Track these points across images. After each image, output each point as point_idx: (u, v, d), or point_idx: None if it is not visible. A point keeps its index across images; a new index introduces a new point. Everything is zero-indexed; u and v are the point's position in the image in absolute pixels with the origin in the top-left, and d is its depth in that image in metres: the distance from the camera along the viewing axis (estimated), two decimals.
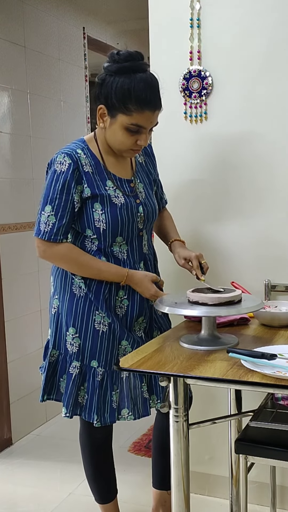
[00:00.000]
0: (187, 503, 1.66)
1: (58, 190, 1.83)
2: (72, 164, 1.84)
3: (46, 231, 1.85)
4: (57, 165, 1.84)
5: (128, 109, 1.79)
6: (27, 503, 2.56)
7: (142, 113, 1.80)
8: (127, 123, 1.81)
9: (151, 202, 2.00)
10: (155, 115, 1.84)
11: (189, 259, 1.99)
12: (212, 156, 2.32)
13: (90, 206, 1.87)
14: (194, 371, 1.52)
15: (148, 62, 1.87)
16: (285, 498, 2.36)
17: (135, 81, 1.78)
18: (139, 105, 1.79)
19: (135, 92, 1.78)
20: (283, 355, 1.57)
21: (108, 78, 1.82)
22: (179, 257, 2.03)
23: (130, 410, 1.93)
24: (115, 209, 1.87)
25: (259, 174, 2.26)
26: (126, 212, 1.89)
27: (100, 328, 1.91)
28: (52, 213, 1.83)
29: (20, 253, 3.08)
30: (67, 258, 1.88)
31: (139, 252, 1.96)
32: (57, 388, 2.01)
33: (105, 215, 1.87)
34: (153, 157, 2.12)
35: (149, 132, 1.88)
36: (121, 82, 1.79)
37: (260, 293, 2.21)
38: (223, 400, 2.20)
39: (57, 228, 1.84)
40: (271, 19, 2.16)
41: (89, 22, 3.74)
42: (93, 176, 1.87)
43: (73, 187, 1.83)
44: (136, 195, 1.95)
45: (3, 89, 3.02)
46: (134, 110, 1.79)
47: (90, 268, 1.88)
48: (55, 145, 1.97)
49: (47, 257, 1.90)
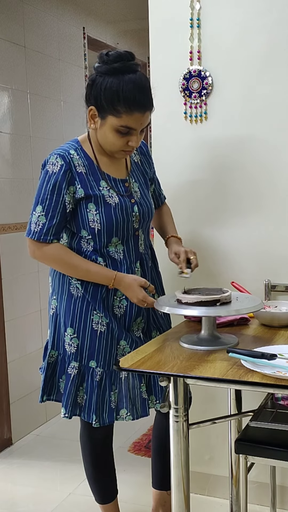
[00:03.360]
0: (187, 503, 1.66)
1: (49, 190, 1.83)
2: (64, 165, 1.83)
3: (36, 231, 1.85)
4: (49, 166, 1.84)
5: (117, 111, 1.78)
6: (27, 503, 2.56)
7: (131, 114, 1.78)
8: (116, 124, 1.80)
9: (146, 201, 1.99)
10: (145, 116, 1.82)
11: (179, 253, 1.99)
12: (212, 156, 2.32)
13: (84, 207, 1.87)
14: (194, 371, 1.52)
15: (139, 62, 1.85)
16: (285, 498, 2.36)
17: (123, 83, 1.76)
18: (128, 107, 1.77)
19: (123, 94, 1.76)
20: (283, 355, 1.57)
21: (98, 79, 1.81)
22: (171, 251, 2.03)
23: (128, 411, 1.93)
24: (109, 209, 1.87)
25: (259, 173, 2.26)
26: (121, 212, 1.89)
27: (98, 328, 1.91)
28: (43, 214, 1.84)
29: (20, 253, 3.08)
30: (56, 258, 1.88)
31: (135, 252, 1.96)
32: (56, 389, 2.01)
33: (99, 216, 1.86)
34: (149, 156, 2.11)
35: (140, 133, 1.86)
36: (110, 83, 1.77)
37: (260, 293, 2.21)
38: (223, 400, 2.20)
39: (47, 228, 1.84)
40: (271, 19, 2.16)
41: (89, 22, 3.74)
42: (86, 176, 1.87)
43: (64, 188, 1.83)
44: (131, 195, 1.94)
45: (3, 89, 3.02)
46: (123, 112, 1.77)
47: (79, 269, 1.87)
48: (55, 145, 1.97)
49: (37, 257, 1.91)
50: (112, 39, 4.03)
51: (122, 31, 4.14)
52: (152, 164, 2.13)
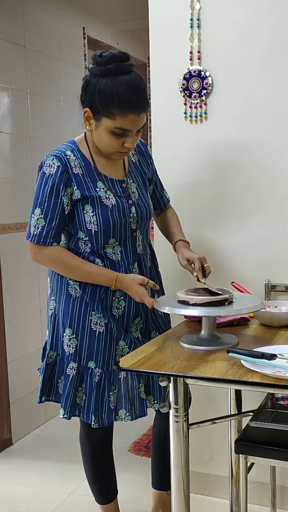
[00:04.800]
0: (187, 503, 1.66)
1: (47, 193, 1.83)
2: (61, 166, 1.83)
3: (35, 234, 1.84)
4: (46, 167, 1.84)
5: (111, 113, 1.77)
6: (27, 503, 2.56)
7: (126, 116, 1.77)
8: (111, 126, 1.79)
9: (144, 202, 1.99)
10: (140, 118, 1.80)
11: (192, 260, 1.96)
12: (212, 156, 2.32)
13: (81, 208, 1.86)
14: (194, 371, 1.52)
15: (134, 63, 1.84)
16: (285, 498, 2.36)
17: (117, 84, 1.75)
18: (122, 109, 1.76)
19: (117, 95, 1.75)
20: (283, 355, 1.57)
21: (92, 80, 1.79)
22: (182, 257, 2.00)
23: (127, 411, 1.93)
24: (106, 211, 1.86)
25: (259, 174, 2.26)
26: (118, 213, 1.88)
27: (96, 328, 1.91)
28: (42, 216, 1.83)
29: (20, 253, 3.08)
30: (57, 261, 1.87)
31: (133, 253, 1.95)
32: (55, 390, 2.01)
33: (96, 217, 1.86)
34: (148, 155, 2.09)
35: (136, 134, 1.84)
36: (103, 85, 1.76)
37: (260, 293, 2.21)
38: (223, 400, 2.20)
39: (46, 231, 1.84)
40: (271, 19, 2.16)
41: (89, 22, 3.74)
42: (83, 177, 1.86)
43: (62, 190, 1.83)
44: (128, 196, 1.94)
45: (3, 89, 3.02)
46: (117, 114, 1.76)
47: (80, 271, 1.87)
48: (55, 145, 1.96)
49: (38, 260, 1.90)
50: (112, 39, 4.03)
51: (122, 31, 4.14)
52: (152, 164, 2.11)
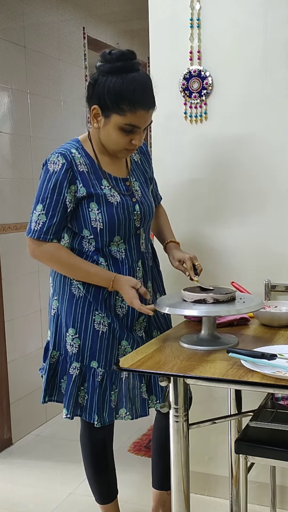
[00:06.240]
0: (187, 503, 1.66)
1: (49, 189, 1.83)
2: (66, 163, 1.83)
3: (36, 230, 1.85)
4: (51, 164, 1.85)
5: (121, 109, 1.79)
6: (27, 503, 2.56)
7: (136, 112, 1.79)
8: (121, 123, 1.81)
9: (147, 200, 2.00)
10: (149, 114, 1.84)
11: (183, 260, 2.00)
12: (211, 156, 2.32)
13: (86, 206, 1.87)
14: (194, 371, 1.52)
15: (140, 61, 1.85)
16: (285, 498, 2.36)
17: (127, 81, 1.78)
18: (132, 105, 1.78)
19: (128, 92, 1.77)
20: (283, 355, 1.57)
21: (101, 78, 1.81)
22: (173, 259, 2.04)
23: (128, 410, 1.93)
24: (111, 208, 1.87)
25: (259, 173, 2.26)
26: (123, 211, 1.89)
27: (100, 328, 1.91)
28: (43, 212, 1.84)
29: (20, 253, 3.08)
30: (55, 258, 1.87)
31: (137, 251, 1.96)
32: (58, 390, 2.00)
33: (101, 215, 1.86)
34: (148, 155, 2.11)
35: (143, 132, 1.87)
36: (113, 82, 1.78)
37: (260, 293, 2.21)
38: (223, 400, 2.20)
39: (47, 227, 1.84)
40: (271, 19, 2.16)
41: (89, 22, 3.74)
42: (88, 175, 1.87)
43: (65, 187, 1.83)
44: (132, 194, 1.95)
45: (3, 89, 3.02)
46: (127, 110, 1.78)
47: (78, 269, 1.87)
48: (55, 145, 1.97)
49: (36, 256, 1.90)
50: (112, 39, 4.03)
51: (122, 31, 4.14)
52: (151, 163, 2.13)
